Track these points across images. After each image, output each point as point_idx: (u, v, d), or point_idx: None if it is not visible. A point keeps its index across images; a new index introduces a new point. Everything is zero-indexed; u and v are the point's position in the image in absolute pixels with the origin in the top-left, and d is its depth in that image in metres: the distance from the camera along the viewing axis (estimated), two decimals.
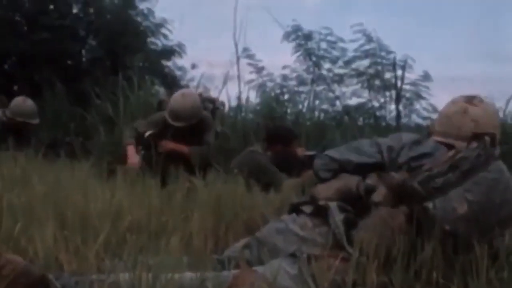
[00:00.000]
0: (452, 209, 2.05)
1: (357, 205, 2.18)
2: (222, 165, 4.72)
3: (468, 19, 15.04)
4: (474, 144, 2.11)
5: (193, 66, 10.24)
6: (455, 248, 2.03)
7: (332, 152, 2.46)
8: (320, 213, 2.19)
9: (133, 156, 5.04)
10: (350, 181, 2.28)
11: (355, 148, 2.39)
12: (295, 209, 2.31)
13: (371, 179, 2.21)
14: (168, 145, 5.03)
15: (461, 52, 14.60)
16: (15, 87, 10.04)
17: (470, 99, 2.40)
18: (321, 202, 2.21)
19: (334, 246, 2.07)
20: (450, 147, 2.24)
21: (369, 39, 7.54)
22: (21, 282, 1.83)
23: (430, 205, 2.05)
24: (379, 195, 2.12)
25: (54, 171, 3.95)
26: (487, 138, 2.12)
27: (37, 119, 6.19)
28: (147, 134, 5.14)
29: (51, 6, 10.28)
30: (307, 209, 2.26)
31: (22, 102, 6.10)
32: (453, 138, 2.33)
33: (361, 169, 2.30)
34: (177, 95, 5.24)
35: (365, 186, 2.20)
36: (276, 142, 4.83)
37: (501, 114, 5.09)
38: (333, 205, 2.17)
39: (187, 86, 10.24)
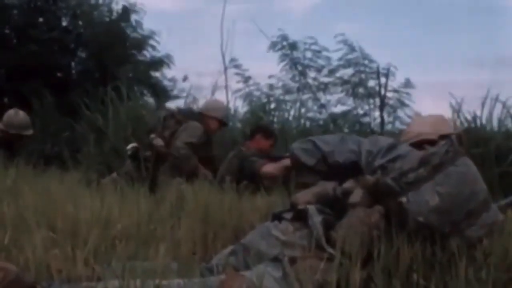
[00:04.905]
0: (425, 201, 2.13)
1: (334, 207, 2.25)
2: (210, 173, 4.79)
3: (449, 26, 15.22)
4: (443, 142, 2.24)
5: (185, 79, 10.26)
6: (432, 243, 2.10)
7: (318, 140, 2.52)
8: (300, 217, 2.25)
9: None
10: (327, 185, 2.35)
11: (338, 143, 2.47)
12: (277, 217, 2.37)
13: (348, 183, 2.29)
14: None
15: (441, 58, 14.76)
16: (5, 100, 10.05)
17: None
18: (301, 206, 2.28)
19: (316, 248, 2.12)
20: (421, 149, 2.35)
21: (352, 49, 7.61)
22: None
23: (404, 199, 2.14)
24: (356, 196, 2.21)
25: (44, 181, 3.98)
26: (453, 136, 2.26)
27: (31, 130, 6.19)
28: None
29: (40, 19, 10.30)
30: (288, 215, 2.32)
31: (14, 115, 6.10)
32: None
33: (339, 167, 2.39)
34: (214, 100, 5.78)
35: (342, 189, 2.29)
36: (257, 133, 5.01)
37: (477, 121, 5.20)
38: (311, 208, 2.23)
39: (177, 97, 10.32)
